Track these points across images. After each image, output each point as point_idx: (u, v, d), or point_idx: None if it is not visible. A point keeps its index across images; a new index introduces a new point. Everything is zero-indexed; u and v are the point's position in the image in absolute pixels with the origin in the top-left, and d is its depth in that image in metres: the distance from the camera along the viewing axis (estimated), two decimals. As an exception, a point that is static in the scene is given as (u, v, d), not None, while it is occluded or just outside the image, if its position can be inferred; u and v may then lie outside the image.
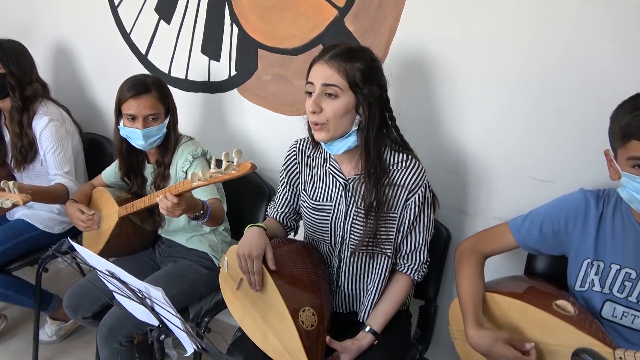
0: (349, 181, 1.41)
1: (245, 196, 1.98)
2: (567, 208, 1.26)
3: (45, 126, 2.04)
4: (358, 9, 1.67)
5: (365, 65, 1.29)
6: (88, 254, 1.20)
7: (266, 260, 1.33)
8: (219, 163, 1.22)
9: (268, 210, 1.65)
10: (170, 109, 1.77)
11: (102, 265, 1.15)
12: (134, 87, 1.68)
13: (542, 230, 1.29)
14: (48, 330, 2.34)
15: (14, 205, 1.73)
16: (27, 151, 2.07)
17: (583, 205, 1.23)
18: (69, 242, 1.40)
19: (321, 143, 1.40)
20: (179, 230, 1.86)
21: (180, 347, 2.09)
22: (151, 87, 1.70)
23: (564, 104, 1.41)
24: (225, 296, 1.52)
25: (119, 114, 1.74)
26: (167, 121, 1.75)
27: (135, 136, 1.71)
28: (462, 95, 1.55)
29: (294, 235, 1.68)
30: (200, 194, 1.69)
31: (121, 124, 1.73)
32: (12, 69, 2.04)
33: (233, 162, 1.18)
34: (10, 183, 1.72)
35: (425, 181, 1.38)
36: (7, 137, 2.11)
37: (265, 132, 2.02)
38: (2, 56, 2.02)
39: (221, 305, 1.77)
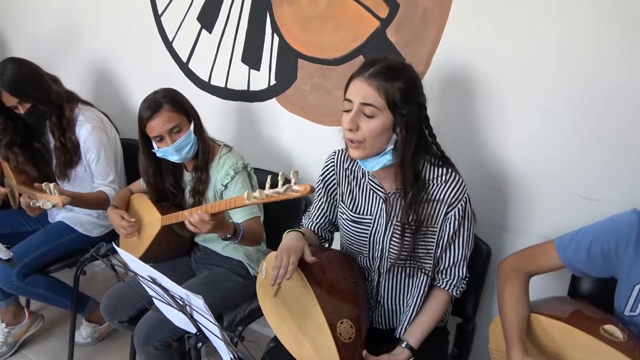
0: (389, 195, 1.40)
1: (280, 206, 1.98)
2: (618, 229, 1.21)
3: (89, 134, 2.08)
4: (400, 20, 1.66)
5: (406, 84, 1.26)
6: (131, 259, 1.21)
7: (304, 257, 1.32)
8: (273, 178, 1.21)
9: (303, 220, 1.64)
10: (190, 115, 1.76)
11: (144, 271, 1.16)
12: (148, 109, 1.69)
13: (591, 251, 1.24)
14: (83, 332, 2.38)
15: (53, 207, 1.77)
16: (72, 155, 2.11)
17: (637, 226, 1.18)
18: (112, 246, 1.42)
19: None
20: (216, 238, 1.86)
21: (213, 355, 2.10)
22: (162, 102, 1.70)
23: (615, 121, 1.36)
24: (261, 303, 1.51)
25: (143, 136, 1.76)
26: (192, 127, 1.75)
27: (169, 153, 1.72)
28: (507, 109, 1.52)
29: (329, 247, 1.67)
30: (240, 211, 1.70)
31: (155, 147, 1.75)
32: (33, 95, 2.01)
33: (290, 182, 1.18)
34: (51, 185, 1.77)
35: (465, 195, 1.35)
36: (52, 144, 2.16)
37: (303, 141, 2.02)
38: (17, 94, 1.99)
39: (255, 315, 1.77)
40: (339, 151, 1.50)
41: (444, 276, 1.43)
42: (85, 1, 2.56)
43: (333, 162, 1.50)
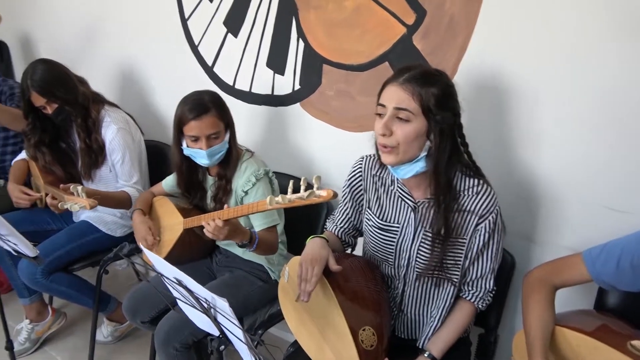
0: (419, 204, 1.39)
1: (302, 210, 1.98)
2: (649, 242, 1.19)
3: (114, 135, 2.11)
4: (427, 27, 1.65)
5: (441, 90, 1.26)
6: (157, 260, 1.22)
7: (328, 266, 1.31)
8: (296, 183, 1.21)
9: (327, 224, 1.64)
10: (229, 124, 1.78)
11: (170, 272, 1.17)
12: (195, 109, 1.69)
13: (620, 265, 1.22)
14: (104, 330, 2.40)
15: (81, 209, 1.80)
16: (97, 156, 2.14)
17: (668, 239, 1.16)
18: (135, 246, 1.44)
19: (388, 166, 1.39)
20: (236, 241, 1.88)
21: (232, 357, 2.10)
22: (210, 107, 1.70)
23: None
24: (283, 307, 1.51)
25: (179, 133, 1.75)
26: (227, 136, 1.76)
27: (200, 156, 1.73)
28: (537, 118, 1.50)
29: (351, 252, 1.66)
30: (260, 219, 1.71)
31: (184, 144, 1.76)
32: (61, 96, 2.04)
33: (313, 188, 1.18)
34: (79, 188, 1.79)
35: (496, 207, 1.34)
36: (78, 145, 2.20)
37: (327, 147, 2.02)
38: (45, 94, 2.02)
39: (275, 319, 1.78)
40: (367, 157, 1.50)
41: (470, 288, 1.41)
42: (112, 4, 2.60)
43: (361, 167, 1.50)
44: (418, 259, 1.39)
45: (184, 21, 2.33)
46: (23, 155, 2.33)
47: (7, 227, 1.57)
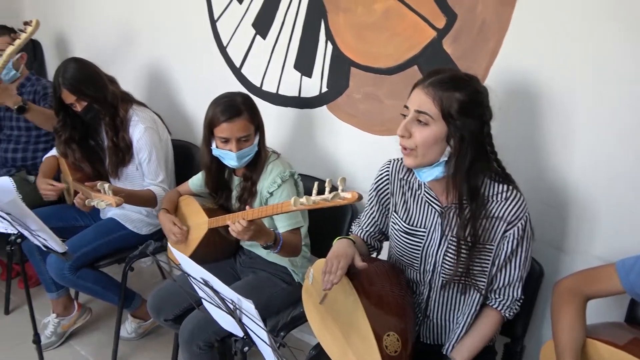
0: (446, 208, 1.37)
1: (327, 213, 1.97)
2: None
3: (142, 134, 2.13)
4: (458, 31, 1.64)
5: (466, 96, 1.24)
6: (184, 260, 1.23)
7: (354, 263, 1.31)
8: (321, 184, 1.21)
9: (352, 227, 1.63)
10: (259, 127, 1.78)
11: (197, 272, 1.18)
12: (227, 111, 1.69)
13: (655, 277, 1.19)
14: (128, 327, 2.43)
15: (107, 206, 1.82)
16: (124, 154, 2.17)
17: None
18: (160, 244, 1.45)
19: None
20: (260, 242, 1.88)
21: (256, 358, 2.10)
22: (243, 109, 1.71)
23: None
24: (306, 309, 1.51)
25: (209, 133, 1.76)
26: (257, 139, 1.77)
27: (229, 157, 1.73)
28: (570, 125, 1.46)
29: (377, 256, 1.65)
30: (284, 220, 1.71)
31: (213, 145, 1.76)
32: (90, 94, 2.07)
33: (338, 190, 1.17)
34: (106, 185, 1.81)
35: (526, 214, 1.31)
36: (106, 143, 2.23)
37: (353, 150, 2.02)
38: (76, 92, 2.05)
39: (297, 321, 1.77)
40: (394, 160, 1.49)
41: (497, 296, 1.39)
42: (144, 6, 2.64)
43: (388, 171, 1.49)
44: (444, 265, 1.37)
45: (213, 22, 2.35)
46: (53, 152, 2.38)
47: (38, 223, 1.60)
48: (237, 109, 1.70)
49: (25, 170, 2.62)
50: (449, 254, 1.36)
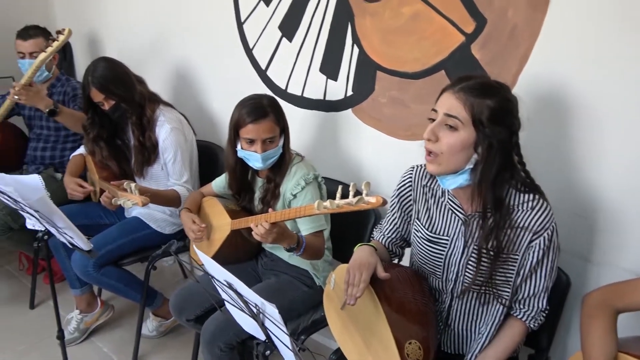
0: (469, 217, 1.35)
1: (350, 217, 1.97)
2: None
3: (167, 134, 2.15)
4: (487, 36, 1.61)
5: (497, 104, 1.21)
6: (208, 262, 1.23)
7: (376, 273, 1.30)
8: (345, 189, 1.20)
9: (374, 233, 1.62)
10: (284, 129, 1.79)
11: (221, 274, 1.18)
12: (253, 112, 1.70)
13: (689, 291, 1.15)
14: (149, 325, 2.45)
15: (133, 205, 1.84)
16: (150, 153, 2.19)
17: None
18: (183, 244, 1.45)
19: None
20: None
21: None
22: (269, 111, 1.72)
23: None
24: (327, 314, 1.50)
25: (235, 134, 1.76)
26: (282, 141, 1.77)
27: (254, 159, 1.74)
28: (602, 133, 1.43)
29: (399, 262, 1.64)
30: (307, 223, 1.70)
31: (238, 146, 1.77)
32: (118, 94, 2.10)
33: (362, 194, 1.16)
34: (132, 185, 1.83)
35: (552, 224, 1.28)
36: (132, 142, 2.26)
37: (378, 154, 2.00)
38: (104, 90, 2.08)
39: (318, 325, 1.76)
40: (417, 167, 1.47)
41: (522, 306, 1.36)
42: (172, 6, 2.67)
43: (411, 177, 1.47)
44: (467, 274, 1.35)
45: (239, 25, 2.36)
46: (81, 150, 2.42)
47: (65, 221, 1.62)
48: (264, 110, 1.71)
49: (52, 168, 2.67)
50: (471, 263, 1.34)
